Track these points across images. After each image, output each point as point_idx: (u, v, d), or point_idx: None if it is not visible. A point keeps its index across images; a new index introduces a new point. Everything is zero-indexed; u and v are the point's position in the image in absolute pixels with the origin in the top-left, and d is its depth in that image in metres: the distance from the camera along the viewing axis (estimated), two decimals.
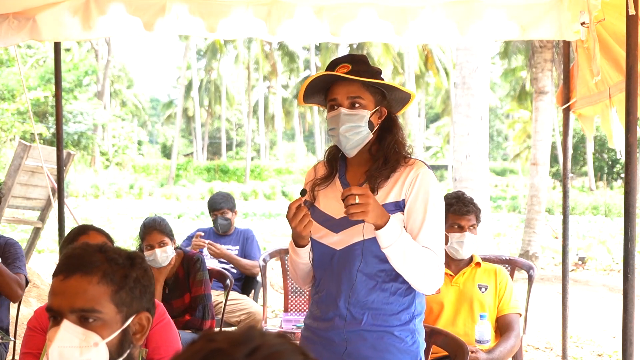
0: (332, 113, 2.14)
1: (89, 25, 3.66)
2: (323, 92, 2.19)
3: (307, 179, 2.32)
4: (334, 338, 2.14)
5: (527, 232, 10.34)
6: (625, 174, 2.92)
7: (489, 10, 3.72)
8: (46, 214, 7.09)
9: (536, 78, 10.51)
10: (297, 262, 2.23)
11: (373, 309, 2.11)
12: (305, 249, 2.18)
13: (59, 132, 4.38)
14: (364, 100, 2.12)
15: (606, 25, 3.44)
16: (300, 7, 3.69)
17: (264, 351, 0.82)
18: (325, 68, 2.17)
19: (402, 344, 2.11)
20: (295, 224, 2.06)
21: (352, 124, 2.10)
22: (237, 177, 39.79)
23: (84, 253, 1.51)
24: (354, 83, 2.10)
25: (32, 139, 20.50)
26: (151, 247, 3.60)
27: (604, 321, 6.98)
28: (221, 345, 0.83)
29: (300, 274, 2.27)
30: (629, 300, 2.89)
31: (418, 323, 2.17)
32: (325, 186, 2.23)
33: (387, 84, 2.14)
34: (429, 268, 2.07)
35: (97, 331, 1.47)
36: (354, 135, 2.11)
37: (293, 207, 2.05)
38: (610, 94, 3.54)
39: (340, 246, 2.13)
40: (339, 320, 2.13)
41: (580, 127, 31.55)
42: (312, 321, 2.24)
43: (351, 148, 2.14)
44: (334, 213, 2.16)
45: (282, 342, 0.84)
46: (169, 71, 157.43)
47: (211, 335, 0.85)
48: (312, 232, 2.15)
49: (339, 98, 2.12)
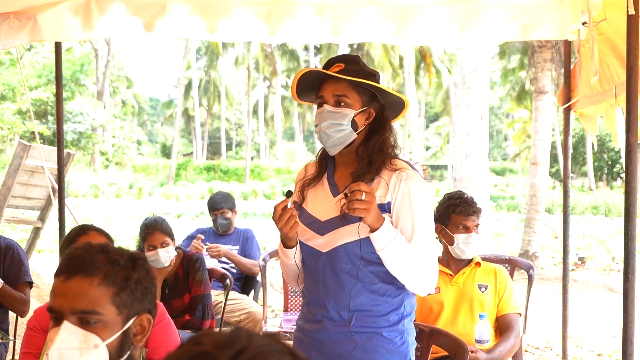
0: (318, 110, 2.16)
1: (89, 25, 3.66)
2: (316, 90, 2.19)
3: (297, 177, 2.33)
4: (323, 340, 2.15)
5: (527, 232, 10.33)
6: (626, 173, 2.92)
7: (489, 11, 3.72)
8: (46, 213, 7.09)
9: (536, 78, 10.51)
10: (287, 263, 2.24)
11: (361, 311, 2.11)
12: (293, 250, 2.19)
13: (60, 132, 4.37)
14: (350, 99, 2.12)
15: (612, 24, 3.44)
16: (301, 6, 3.68)
17: (250, 353, 0.81)
18: (323, 67, 2.18)
19: (390, 345, 2.11)
20: (281, 225, 2.06)
21: (333, 121, 2.10)
22: (237, 177, 39.78)
23: (86, 254, 1.50)
24: (342, 82, 2.11)
25: (32, 139, 20.50)
26: (153, 248, 3.60)
27: (604, 321, 6.98)
28: (206, 348, 0.82)
29: (291, 275, 2.28)
30: (629, 300, 2.89)
31: (407, 323, 2.17)
32: (314, 186, 2.23)
33: (375, 85, 2.13)
34: (423, 270, 2.07)
35: (97, 333, 1.47)
36: (335, 133, 2.11)
37: (279, 209, 2.05)
38: (616, 93, 3.54)
39: (326, 248, 2.13)
40: (327, 322, 2.14)
41: (580, 127, 31.45)
42: (304, 322, 2.25)
43: (332, 145, 2.14)
44: (320, 215, 2.16)
45: (269, 342, 0.83)
46: (169, 71, 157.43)
47: (198, 338, 0.85)
48: (299, 233, 2.15)
49: (325, 95, 2.14)
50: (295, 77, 2.15)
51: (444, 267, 3.26)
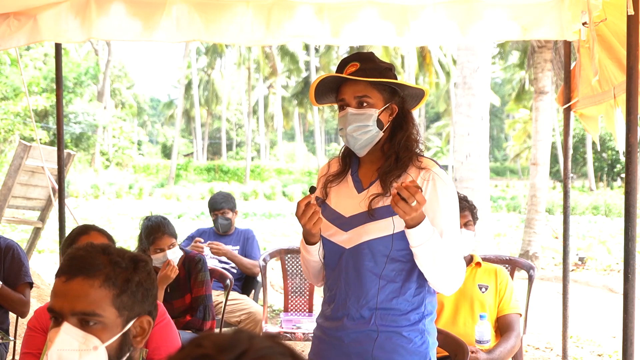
0: (341, 113, 2.14)
1: (89, 27, 3.65)
2: (335, 91, 2.17)
3: (320, 174, 2.31)
4: (343, 338, 2.12)
5: (527, 232, 10.34)
6: (626, 174, 2.92)
7: (489, 11, 3.72)
8: (46, 214, 7.09)
9: (536, 78, 10.51)
10: (309, 260, 2.21)
11: (382, 309, 2.09)
12: (316, 246, 2.16)
13: (60, 132, 4.37)
14: (372, 99, 2.10)
15: (609, 25, 3.44)
16: (301, 7, 3.68)
17: (251, 355, 0.80)
18: (336, 67, 2.16)
19: (410, 345, 2.09)
20: (304, 221, 2.04)
21: (359, 124, 2.09)
22: (237, 177, 39.77)
23: (87, 255, 1.50)
24: (361, 82, 2.09)
25: (31, 139, 20.49)
26: (161, 250, 3.62)
27: (604, 321, 6.98)
28: (207, 351, 0.82)
29: (312, 272, 2.25)
30: (630, 300, 2.89)
31: (428, 323, 2.15)
32: (338, 183, 2.21)
33: (395, 82, 2.12)
34: (453, 269, 2.06)
35: (97, 334, 1.47)
36: (362, 135, 2.10)
37: (302, 205, 2.03)
38: (615, 94, 3.54)
39: (349, 245, 2.10)
40: (347, 320, 2.11)
41: (580, 127, 31.44)
42: (323, 320, 2.22)
43: (360, 148, 2.12)
44: (344, 211, 2.14)
45: (270, 345, 0.83)
46: (169, 71, 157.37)
47: (198, 340, 0.84)
48: (322, 229, 2.13)
49: (346, 98, 2.11)
50: (312, 85, 2.12)
51: None
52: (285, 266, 4.64)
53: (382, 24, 3.76)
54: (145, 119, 56.76)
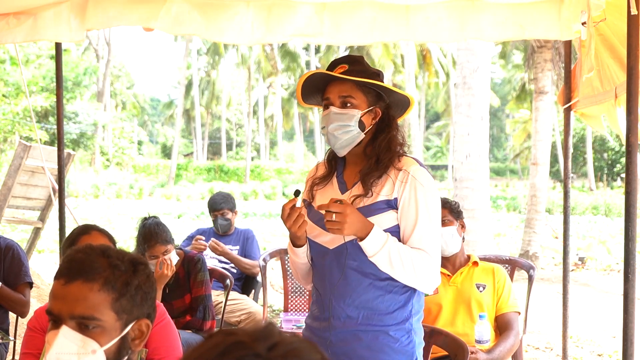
0: (324, 112, 2.17)
1: (85, 20, 3.64)
2: (322, 92, 2.20)
3: (308, 175, 2.35)
4: (331, 338, 2.14)
5: (527, 232, 10.34)
6: (626, 174, 2.92)
7: (489, 10, 3.72)
8: (46, 214, 7.09)
9: (536, 78, 10.51)
10: (296, 262, 2.25)
11: (368, 308, 2.11)
12: (303, 248, 2.20)
13: (60, 132, 4.36)
14: (356, 100, 2.13)
15: (610, 25, 3.44)
16: (301, 6, 3.68)
17: (284, 347, 0.83)
18: (326, 68, 2.18)
19: (396, 344, 2.11)
20: (289, 224, 2.08)
21: (340, 123, 2.12)
22: (237, 177, 39.78)
23: (87, 258, 1.48)
24: (347, 83, 2.12)
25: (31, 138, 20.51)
26: (155, 257, 3.60)
27: (604, 321, 6.98)
28: (242, 338, 0.83)
29: (301, 274, 2.29)
30: (630, 300, 2.89)
31: (415, 322, 2.16)
32: (324, 185, 2.24)
33: (381, 85, 2.14)
34: (421, 270, 2.07)
35: (95, 338, 1.46)
36: (342, 135, 2.12)
37: (287, 208, 2.07)
38: (616, 94, 3.54)
39: (333, 245, 2.14)
40: (334, 320, 2.14)
41: (580, 127, 31.37)
42: (312, 321, 2.25)
43: (340, 147, 2.15)
44: None
45: (298, 340, 0.85)
46: (169, 71, 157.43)
47: (229, 330, 0.86)
48: (307, 231, 2.17)
49: (331, 97, 2.14)
50: (299, 81, 2.15)
51: (442, 268, 3.26)
52: (285, 266, 4.64)
53: (382, 24, 3.76)
54: (145, 119, 56.75)
